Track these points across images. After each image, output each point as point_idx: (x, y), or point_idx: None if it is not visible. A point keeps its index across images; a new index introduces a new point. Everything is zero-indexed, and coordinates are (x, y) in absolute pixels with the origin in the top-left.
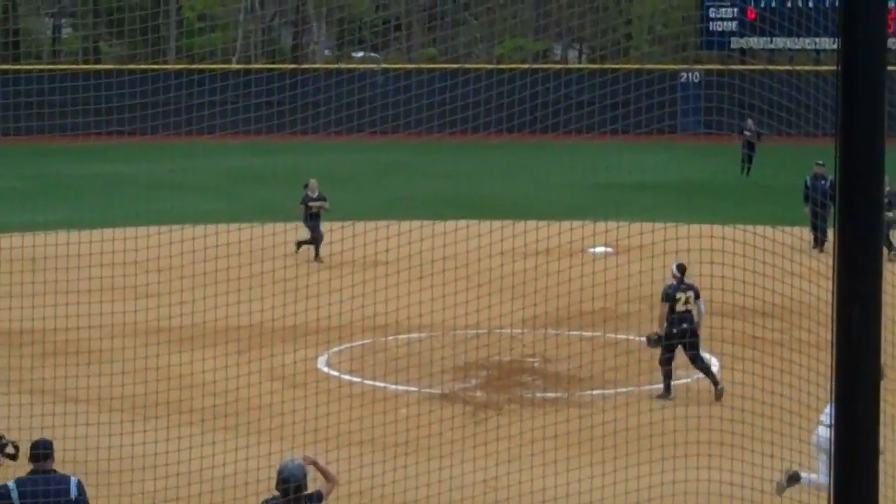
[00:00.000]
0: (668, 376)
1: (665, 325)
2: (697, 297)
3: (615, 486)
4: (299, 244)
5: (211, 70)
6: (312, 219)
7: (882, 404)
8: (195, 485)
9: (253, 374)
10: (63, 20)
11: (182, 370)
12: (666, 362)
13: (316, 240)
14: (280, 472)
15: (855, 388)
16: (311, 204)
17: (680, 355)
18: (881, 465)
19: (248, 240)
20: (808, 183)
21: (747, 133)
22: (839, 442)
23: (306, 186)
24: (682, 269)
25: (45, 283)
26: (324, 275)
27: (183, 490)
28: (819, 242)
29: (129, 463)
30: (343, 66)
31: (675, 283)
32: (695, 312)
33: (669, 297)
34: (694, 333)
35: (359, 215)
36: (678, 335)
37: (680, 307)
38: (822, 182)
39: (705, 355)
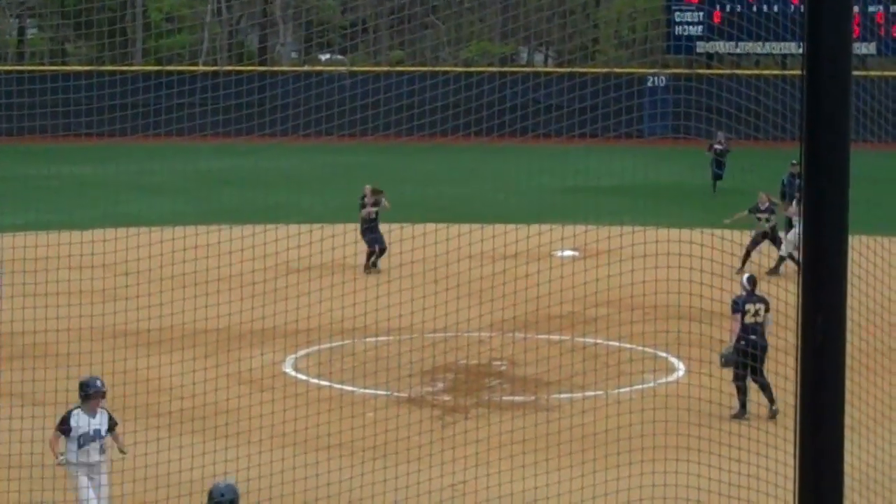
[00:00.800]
0: (742, 392)
1: (734, 339)
2: (767, 309)
3: (582, 490)
4: (371, 262)
5: (178, 72)
6: (372, 230)
7: (848, 408)
8: (162, 489)
9: (220, 378)
10: (29, 21)
11: (149, 374)
12: (739, 378)
13: (379, 249)
14: (211, 494)
15: (820, 394)
16: (370, 209)
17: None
18: (847, 469)
19: (217, 243)
20: (786, 181)
21: (718, 147)
22: (805, 447)
23: (364, 197)
24: (752, 281)
25: (11, 286)
26: (291, 278)
27: (150, 495)
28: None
29: None
30: (310, 68)
31: (744, 294)
32: (765, 325)
33: (739, 308)
34: (763, 347)
35: (326, 218)
36: (749, 346)
37: (749, 319)
38: (798, 180)
39: (673, 360)
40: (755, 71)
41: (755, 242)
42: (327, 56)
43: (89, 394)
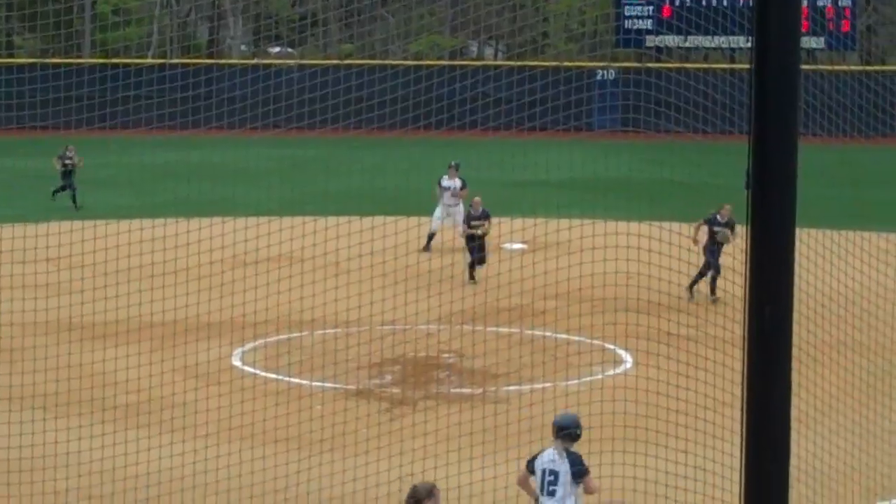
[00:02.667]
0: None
1: None
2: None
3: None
4: (471, 270)
5: (126, 65)
6: (472, 239)
7: (794, 399)
8: (107, 484)
9: (168, 371)
10: None
11: (96, 368)
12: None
13: (477, 260)
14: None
15: (767, 385)
16: (472, 223)
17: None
18: (793, 460)
19: (162, 237)
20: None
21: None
22: (751, 438)
23: (471, 206)
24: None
25: None
26: (239, 272)
27: (96, 489)
28: None
29: (41, 462)
30: (259, 61)
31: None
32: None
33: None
34: None
35: (275, 211)
36: None
37: None
38: None
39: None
40: (704, 65)
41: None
42: (277, 49)
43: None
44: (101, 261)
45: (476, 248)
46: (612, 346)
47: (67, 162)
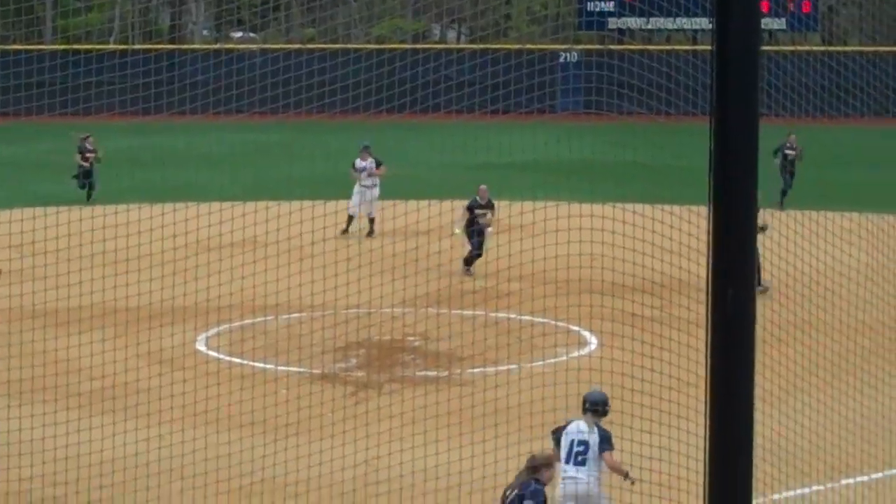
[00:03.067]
0: None
1: None
2: None
3: (496, 464)
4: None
5: (88, 51)
6: (479, 233)
7: (759, 378)
8: (72, 470)
9: (132, 357)
10: None
11: (60, 354)
12: None
13: (474, 248)
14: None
15: (731, 366)
16: (476, 211)
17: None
18: (758, 440)
19: (125, 223)
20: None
21: (789, 152)
22: (715, 418)
23: (478, 194)
24: None
25: None
26: (202, 258)
27: (60, 476)
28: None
29: (6, 449)
30: (222, 46)
31: None
32: None
33: None
34: None
35: (239, 196)
36: None
37: None
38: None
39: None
40: (666, 47)
41: None
42: (239, 34)
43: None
44: (65, 247)
45: (477, 243)
46: (576, 328)
47: (89, 155)
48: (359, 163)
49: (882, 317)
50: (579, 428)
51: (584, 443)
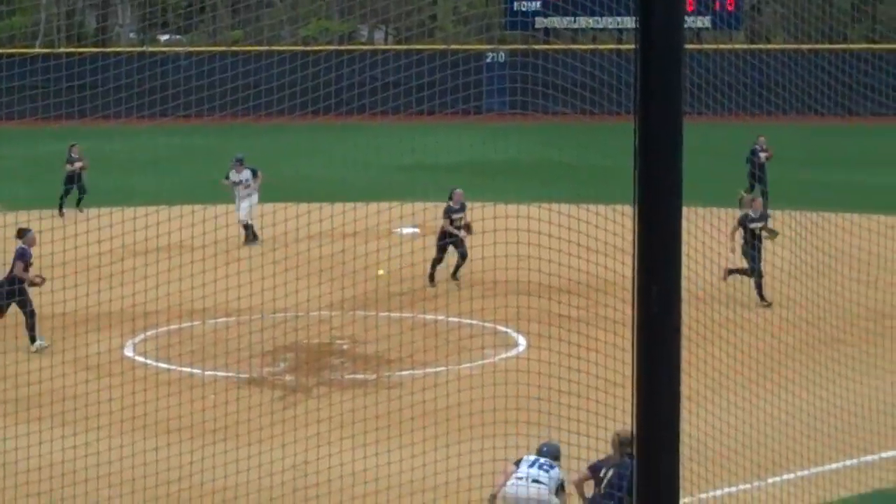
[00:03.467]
0: None
1: None
2: None
3: (425, 467)
4: (433, 268)
5: (11, 55)
6: (450, 235)
7: (684, 377)
8: None
9: (59, 364)
10: None
11: None
12: None
13: (461, 257)
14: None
15: (656, 365)
16: (453, 217)
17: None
18: (684, 439)
19: (49, 229)
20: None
21: (762, 154)
22: (641, 418)
23: (451, 198)
24: None
25: None
26: (128, 262)
27: None
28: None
29: None
30: (148, 49)
31: None
32: None
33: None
34: None
35: (164, 200)
36: None
37: None
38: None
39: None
40: (591, 46)
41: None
42: (166, 37)
43: None
44: None
45: (460, 247)
46: (505, 329)
47: (76, 164)
48: (233, 175)
49: (806, 314)
50: (546, 459)
51: (551, 465)
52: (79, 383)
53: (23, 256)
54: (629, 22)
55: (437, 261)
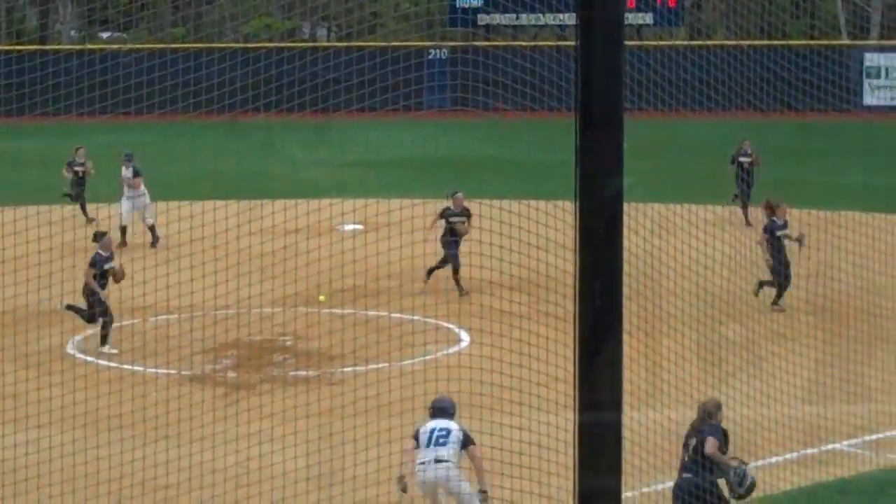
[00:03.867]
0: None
1: None
2: None
3: (367, 463)
4: (430, 273)
5: None
6: (453, 234)
7: (626, 372)
8: None
9: (0, 362)
10: None
11: None
12: None
13: (452, 261)
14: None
15: (598, 359)
16: (451, 219)
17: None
18: (626, 433)
19: None
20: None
21: (744, 159)
22: (584, 412)
23: (452, 203)
24: None
25: None
26: (68, 260)
27: None
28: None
29: None
30: (89, 46)
31: None
32: None
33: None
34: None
35: (106, 198)
36: None
37: None
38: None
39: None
40: (532, 42)
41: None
42: (108, 34)
43: None
44: None
45: (454, 255)
46: (447, 325)
47: (78, 169)
48: (124, 171)
49: (746, 308)
50: (438, 423)
51: (446, 429)
52: (18, 381)
53: (93, 263)
54: (570, 18)
55: (450, 259)
